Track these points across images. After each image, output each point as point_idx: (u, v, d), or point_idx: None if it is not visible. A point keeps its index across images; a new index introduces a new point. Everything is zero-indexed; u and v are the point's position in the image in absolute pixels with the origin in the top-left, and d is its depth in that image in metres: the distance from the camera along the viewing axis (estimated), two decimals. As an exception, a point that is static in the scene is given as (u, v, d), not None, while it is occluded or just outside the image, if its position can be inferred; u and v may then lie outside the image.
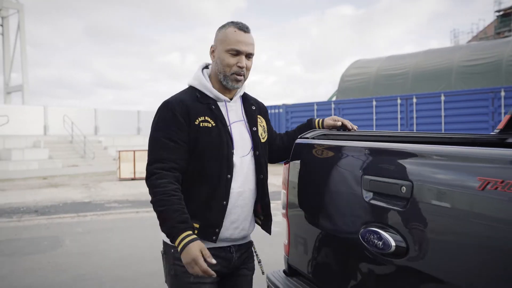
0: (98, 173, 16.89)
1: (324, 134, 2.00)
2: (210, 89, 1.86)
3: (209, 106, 1.85)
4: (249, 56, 1.85)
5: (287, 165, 2.04)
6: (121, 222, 7.13)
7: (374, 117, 16.43)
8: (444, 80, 18.48)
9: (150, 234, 6.16)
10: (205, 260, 1.62)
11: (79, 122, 23.12)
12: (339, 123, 2.08)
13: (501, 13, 33.20)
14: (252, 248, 2.00)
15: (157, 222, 1.71)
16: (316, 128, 2.10)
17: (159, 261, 1.93)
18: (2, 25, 31.41)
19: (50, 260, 4.93)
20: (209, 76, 1.92)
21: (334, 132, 2.06)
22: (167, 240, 1.83)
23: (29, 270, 4.54)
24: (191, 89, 1.90)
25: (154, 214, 1.62)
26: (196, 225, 1.79)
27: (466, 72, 18.24)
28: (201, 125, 1.80)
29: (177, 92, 1.92)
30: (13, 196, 10.13)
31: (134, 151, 14.80)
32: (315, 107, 18.57)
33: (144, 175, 14.65)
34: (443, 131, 12.85)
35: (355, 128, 2.10)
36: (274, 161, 2.13)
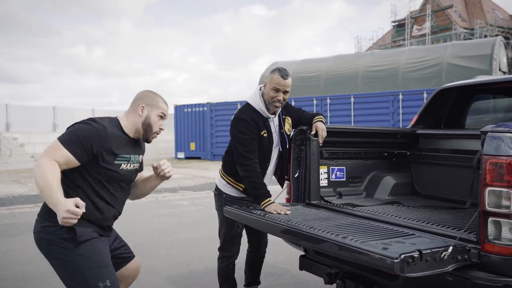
0: (20, 170, 16.52)
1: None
2: (265, 112, 3.01)
3: (265, 122, 3.03)
4: (285, 92, 2.97)
5: (290, 147, 3.16)
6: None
7: (293, 116, 18.11)
8: (352, 83, 20.79)
9: (123, 219, 6.89)
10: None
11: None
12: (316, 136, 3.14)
13: (396, 23, 37.18)
14: None
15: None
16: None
17: (140, 236, 2.80)
18: None
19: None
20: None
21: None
22: (222, 188, 3.15)
23: (26, 247, 5.12)
24: (253, 110, 3.00)
25: None
26: (243, 186, 3.05)
27: (370, 76, 20.71)
28: (263, 135, 3.01)
29: (241, 108, 3.08)
30: None
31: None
32: (238, 106, 19.80)
33: None
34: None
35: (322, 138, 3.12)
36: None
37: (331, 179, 3.39)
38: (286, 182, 3.23)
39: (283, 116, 3.18)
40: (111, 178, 2.36)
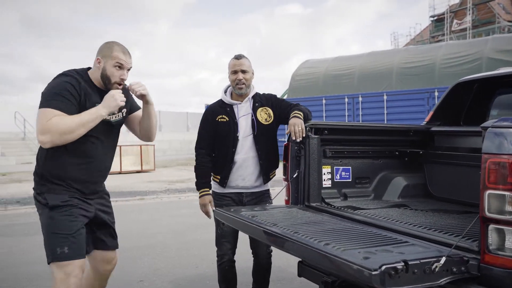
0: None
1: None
2: (227, 99, 3.10)
3: (226, 109, 3.06)
4: (243, 71, 2.99)
5: (288, 145, 2.98)
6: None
7: (324, 115, 17.79)
8: (386, 81, 20.14)
9: (136, 218, 6.91)
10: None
11: (29, 119, 22.66)
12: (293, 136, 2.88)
13: (435, 18, 35.90)
14: (268, 196, 3.14)
15: (137, 208, 2.88)
16: None
17: (154, 236, 2.65)
18: None
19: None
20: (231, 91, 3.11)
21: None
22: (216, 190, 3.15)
23: (31, 248, 5.16)
24: (219, 100, 3.13)
25: (133, 203, 2.25)
26: (218, 177, 3.08)
27: (405, 73, 19.99)
28: (219, 120, 3.04)
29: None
30: (-17, 190, 10.38)
31: (120, 146, 15.11)
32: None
33: (127, 168, 14.91)
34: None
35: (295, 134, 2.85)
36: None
37: (335, 180, 3.18)
38: (285, 182, 3.06)
39: (257, 104, 3.09)
40: (91, 132, 2.36)
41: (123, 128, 2.75)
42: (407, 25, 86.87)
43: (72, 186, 2.39)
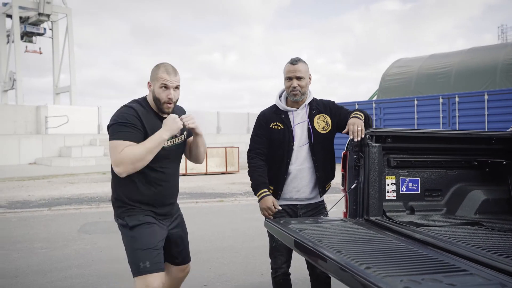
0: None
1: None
2: (282, 105, 2.95)
3: (280, 116, 2.89)
4: (298, 78, 2.81)
5: (346, 153, 2.78)
6: (184, 210, 8.03)
7: (416, 117, 16.76)
8: (488, 78, 18.44)
9: (212, 220, 7.04)
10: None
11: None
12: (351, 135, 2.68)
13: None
14: (323, 207, 2.96)
15: (215, 210, 2.77)
16: None
17: (225, 240, 2.58)
18: (51, 29, 33.83)
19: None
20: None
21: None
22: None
23: (119, 245, 5.47)
24: (273, 105, 3.00)
25: (212, 205, 2.24)
26: (272, 187, 2.93)
27: (511, 70, 18.14)
28: (273, 127, 2.86)
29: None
30: (84, 188, 11.33)
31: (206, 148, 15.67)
32: (356, 106, 18.98)
33: (194, 171, 15.47)
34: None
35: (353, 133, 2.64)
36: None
37: (400, 192, 2.91)
38: (343, 193, 2.86)
39: (314, 111, 2.90)
40: (156, 157, 2.46)
41: (208, 131, 2.82)
42: (518, 17, 78.77)
43: (146, 208, 2.54)
